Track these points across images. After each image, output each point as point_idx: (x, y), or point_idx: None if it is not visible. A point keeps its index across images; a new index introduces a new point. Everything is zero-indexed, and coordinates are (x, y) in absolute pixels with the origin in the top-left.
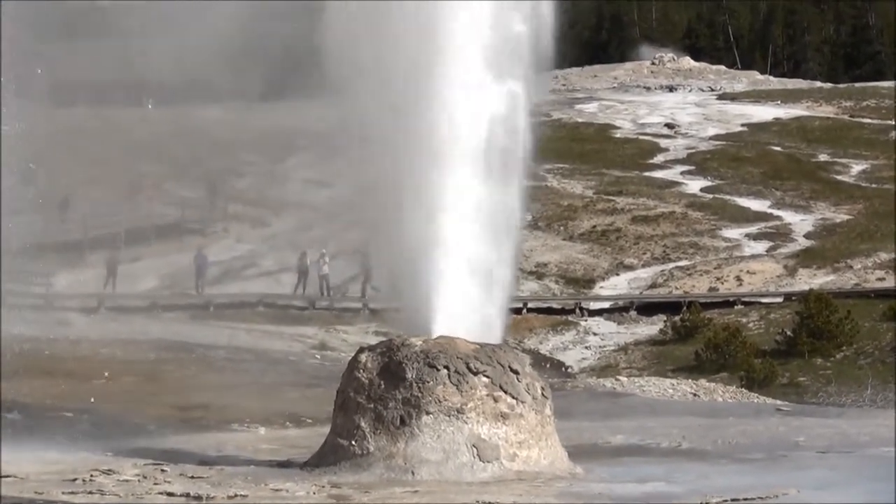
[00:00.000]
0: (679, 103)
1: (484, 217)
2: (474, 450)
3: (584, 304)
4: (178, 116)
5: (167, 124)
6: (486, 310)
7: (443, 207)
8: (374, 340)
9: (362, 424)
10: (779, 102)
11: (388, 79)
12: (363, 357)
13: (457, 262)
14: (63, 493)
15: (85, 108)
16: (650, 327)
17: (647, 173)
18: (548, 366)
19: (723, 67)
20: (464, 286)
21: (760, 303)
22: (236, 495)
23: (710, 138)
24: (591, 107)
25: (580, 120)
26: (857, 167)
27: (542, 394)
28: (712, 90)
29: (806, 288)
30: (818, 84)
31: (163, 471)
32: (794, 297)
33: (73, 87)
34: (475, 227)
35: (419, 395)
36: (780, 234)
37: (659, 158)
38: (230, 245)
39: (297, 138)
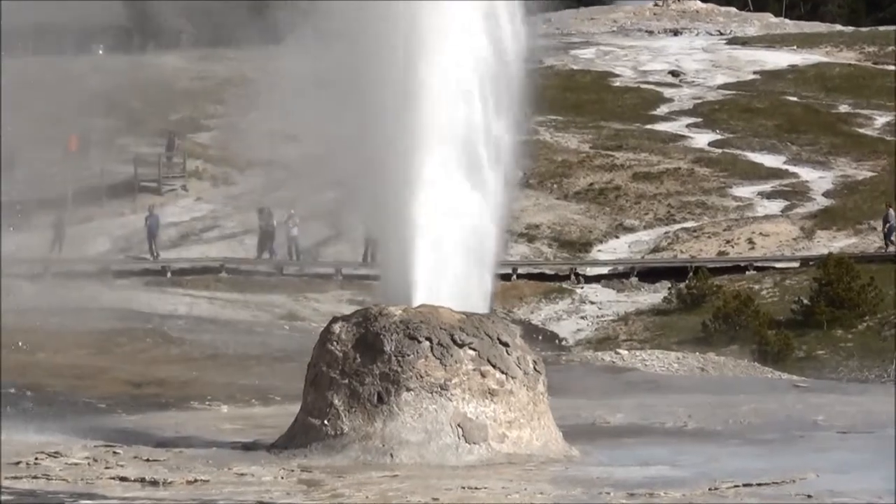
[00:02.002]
0: (685, 49)
1: (467, 174)
2: (459, 430)
3: (579, 270)
4: (133, 65)
5: (121, 73)
6: (472, 275)
7: (423, 164)
8: (348, 309)
9: (336, 402)
10: (795, 48)
11: (365, 27)
12: (337, 328)
13: (440, 224)
14: (6, 477)
15: (31, 56)
16: (653, 295)
17: (649, 126)
18: (540, 338)
19: (733, 9)
20: (448, 249)
21: (775, 268)
22: (196, 480)
23: (719, 87)
24: (587, 52)
25: (575, 67)
26: (881, 119)
27: (535, 368)
28: (721, 34)
29: (825, 252)
30: (838, 28)
31: (115, 453)
32: (811, 262)
33: (17, 33)
34: (458, 186)
35: (398, 369)
36: (797, 193)
37: (663, 109)
38: (190, 205)
39: (265, 88)
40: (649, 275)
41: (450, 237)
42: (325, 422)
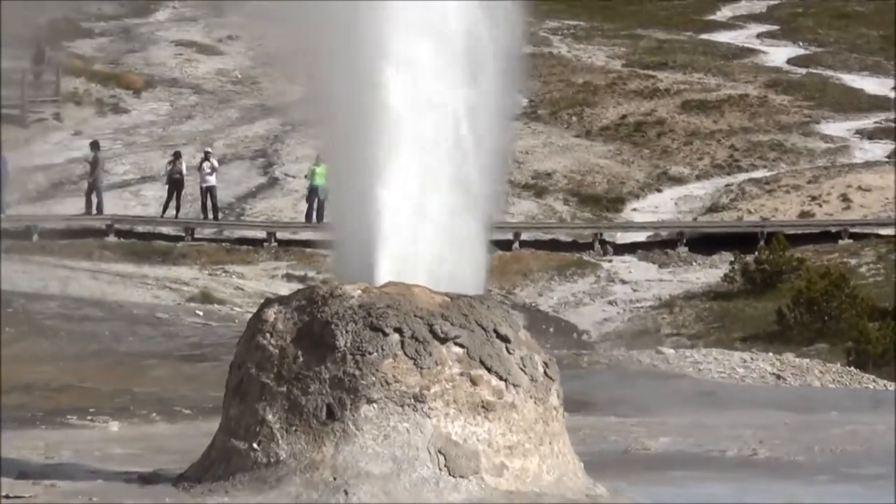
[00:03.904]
0: None
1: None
2: (441, 458)
3: (607, 236)
4: None
5: None
6: (459, 241)
7: (390, 91)
8: (286, 288)
9: (269, 418)
10: None
11: None
12: (270, 314)
13: (415, 168)
14: None
15: None
16: (709, 272)
17: (705, 35)
18: (552, 330)
19: None
20: (427, 206)
21: (878, 235)
22: None
23: None
24: None
25: None
26: None
27: (546, 373)
28: None
29: None
30: None
31: None
32: None
33: None
34: (437, 117)
35: (356, 373)
36: None
37: (724, 13)
38: (66, 140)
39: None
40: (704, 243)
41: (428, 187)
42: (255, 445)
